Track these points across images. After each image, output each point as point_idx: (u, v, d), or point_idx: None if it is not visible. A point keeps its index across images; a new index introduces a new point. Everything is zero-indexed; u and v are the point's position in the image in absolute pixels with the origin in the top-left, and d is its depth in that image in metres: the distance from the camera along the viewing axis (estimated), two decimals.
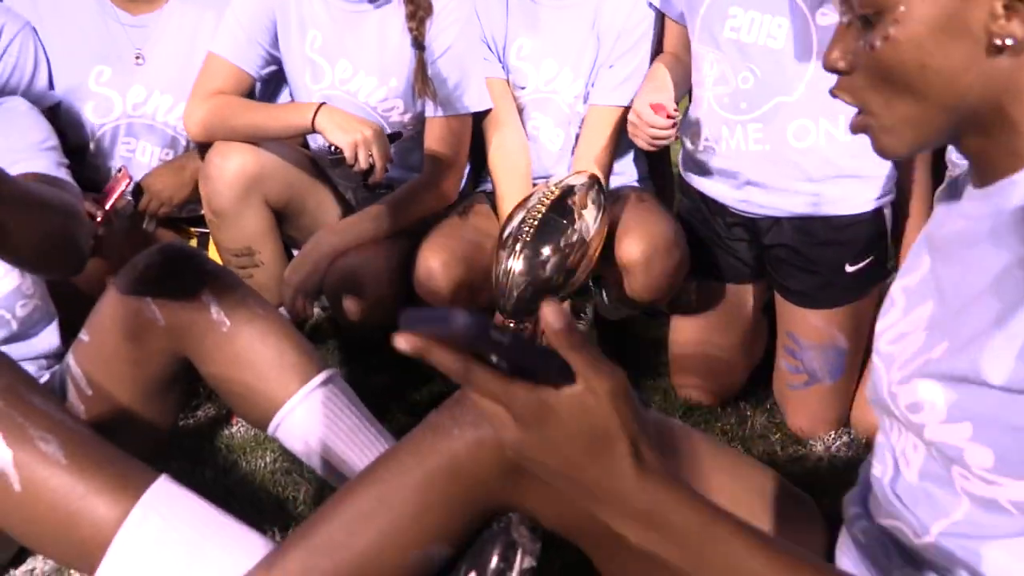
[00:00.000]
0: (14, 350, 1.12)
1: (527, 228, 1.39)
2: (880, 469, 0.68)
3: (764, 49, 1.42)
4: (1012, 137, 0.57)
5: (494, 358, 0.46)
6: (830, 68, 0.60)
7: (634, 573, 0.70)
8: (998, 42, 0.53)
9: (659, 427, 0.80)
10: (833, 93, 0.61)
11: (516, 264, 1.37)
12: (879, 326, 0.71)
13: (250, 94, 1.64)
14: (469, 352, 0.46)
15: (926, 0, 0.54)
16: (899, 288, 0.71)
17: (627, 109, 1.54)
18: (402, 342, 0.44)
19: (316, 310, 1.64)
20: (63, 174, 1.17)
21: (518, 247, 1.38)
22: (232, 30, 1.57)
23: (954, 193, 0.65)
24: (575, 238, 1.41)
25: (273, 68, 1.64)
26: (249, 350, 1.06)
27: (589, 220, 1.43)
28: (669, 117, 1.40)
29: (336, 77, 1.59)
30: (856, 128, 0.62)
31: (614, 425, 0.48)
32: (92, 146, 1.63)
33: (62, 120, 1.59)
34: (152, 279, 1.05)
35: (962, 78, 0.55)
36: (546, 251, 1.38)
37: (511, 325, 1.42)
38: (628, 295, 1.51)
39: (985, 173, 0.60)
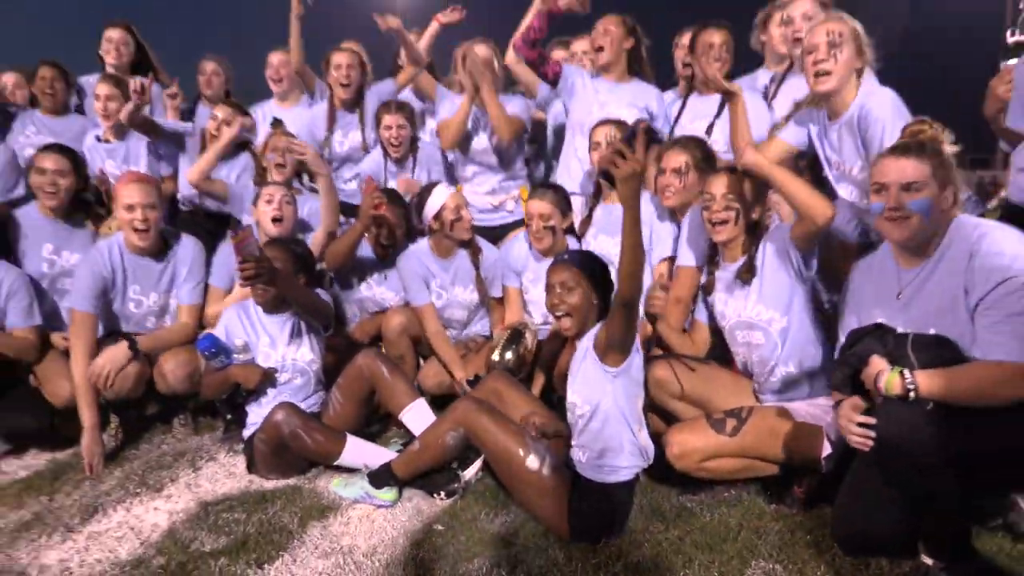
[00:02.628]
0: (316, 387, 3.23)
1: (502, 343, 3.35)
2: None
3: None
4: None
5: None
6: None
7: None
8: None
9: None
10: None
11: (495, 357, 3.32)
12: None
13: None
14: None
15: (585, 294, 2.49)
16: None
17: None
18: None
19: None
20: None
21: (497, 351, 3.33)
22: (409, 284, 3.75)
23: None
24: (521, 350, 3.34)
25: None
26: (396, 388, 3.09)
27: (529, 343, 3.37)
28: None
29: (448, 281, 3.71)
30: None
31: None
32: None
33: None
34: (370, 365, 3.11)
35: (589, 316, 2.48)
36: (508, 355, 3.31)
37: None
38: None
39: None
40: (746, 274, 2.79)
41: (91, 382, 3.25)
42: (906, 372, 2.00)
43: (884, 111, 2.71)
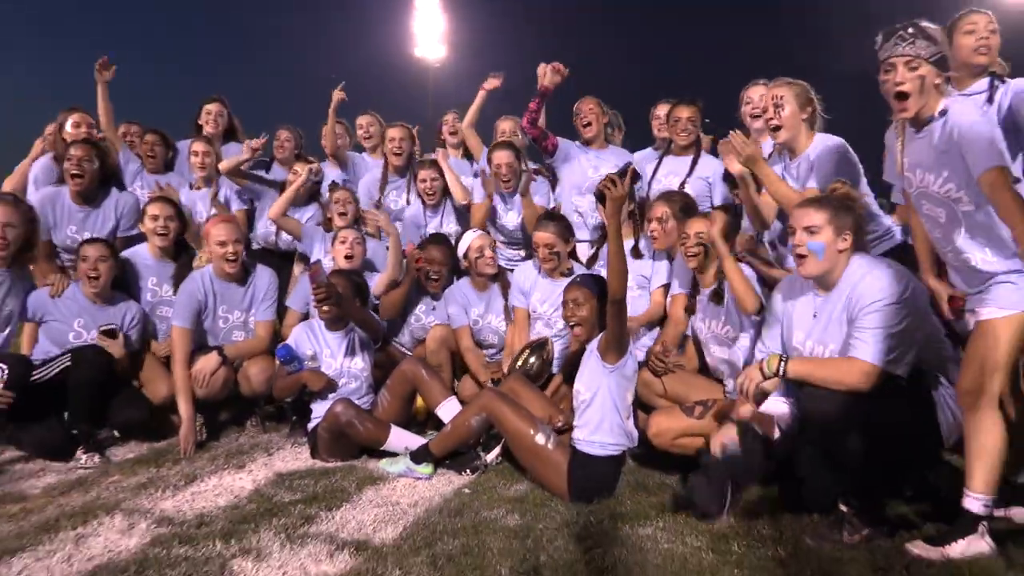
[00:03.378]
0: (367, 390, 3.97)
1: (527, 351, 4.05)
2: None
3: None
4: None
5: None
6: None
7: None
8: None
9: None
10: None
11: (520, 362, 4.01)
12: None
13: None
14: None
15: (592, 308, 3.25)
16: None
17: None
18: None
19: None
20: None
21: (522, 358, 4.03)
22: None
23: None
24: (544, 356, 4.03)
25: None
26: (433, 388, 3.82)
27: (551, 351, 4.06)
28: None
29: (483, 310, 4.45)
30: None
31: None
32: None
33: None
34: (412, 370, 3.85)
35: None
36: (532, 359, 4.01)
37: None
38: None
39: None
40: (715, 297, 3.50)
41: (190, 383, 4.04)
42: (784, 357, 2.77)
43: (840, 149, 3.40)
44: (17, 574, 2.55)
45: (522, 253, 5.00)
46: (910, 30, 2.63)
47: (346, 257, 4.46)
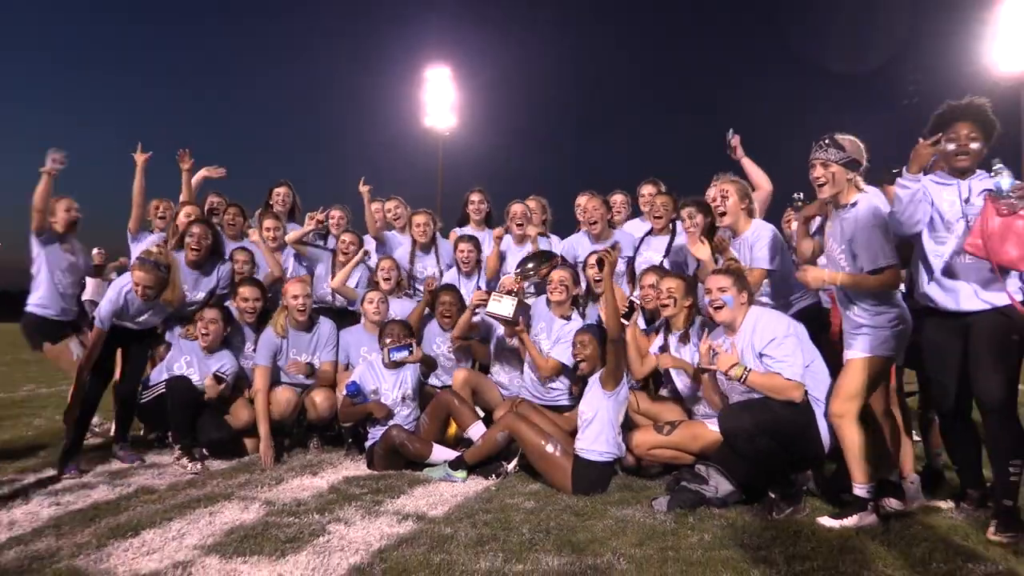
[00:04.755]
0: (415, 416, 5.03)
1: (534, 255, 5.37)
2: None
3: None
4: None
5: None
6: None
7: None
8: None
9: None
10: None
11: (519, 268, 5.29)
12: None
13: None
14: None
15: (595, 348, 4.33)
16: None
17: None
18: None
19: None
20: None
21: (524, 262, 5.30)
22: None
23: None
24: (543, 266, 5.26)
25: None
26: (464, 413, 4.89)
27: (556, 264, 5.32)
28: None
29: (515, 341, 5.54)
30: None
31: None
32: None
33: None
34: (447, 398, 4.92)
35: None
36: (529, 264, 5.26)
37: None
38: None
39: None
40: (683, 339, 4.58)
41: (268, 409, 5.12)
42: (748, 367, 3.78)
43: (770, 233, 4.51)
44: (177, 531, 3.57)
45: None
46: (826, 140, 3.69)
47: (374, 313, 5.58)
